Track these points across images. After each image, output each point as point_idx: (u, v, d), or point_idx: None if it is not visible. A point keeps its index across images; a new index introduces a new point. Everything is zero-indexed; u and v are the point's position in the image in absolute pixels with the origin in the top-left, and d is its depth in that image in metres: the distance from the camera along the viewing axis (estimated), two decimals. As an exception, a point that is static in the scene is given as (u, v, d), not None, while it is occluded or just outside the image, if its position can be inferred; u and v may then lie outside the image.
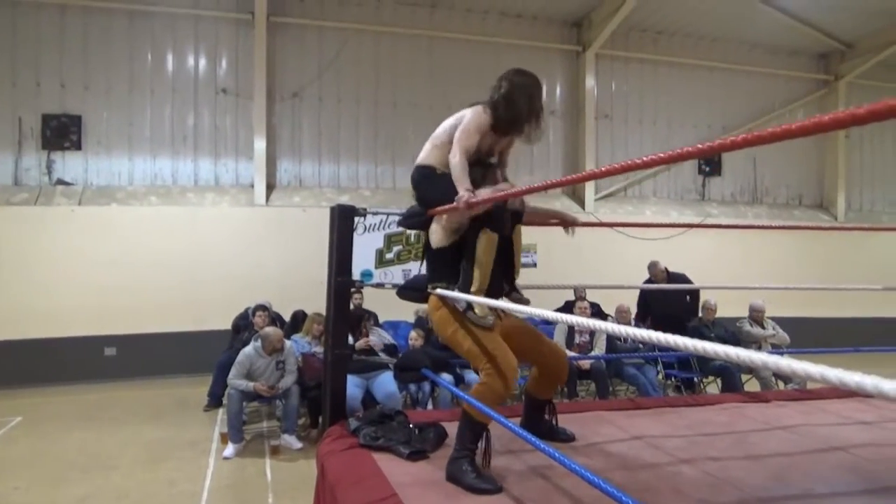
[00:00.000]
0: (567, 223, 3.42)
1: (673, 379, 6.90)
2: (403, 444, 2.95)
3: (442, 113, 11.60)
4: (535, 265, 9.44)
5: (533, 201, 10.82)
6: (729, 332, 6.76)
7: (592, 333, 6.39)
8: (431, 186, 2.95)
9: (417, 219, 3.25)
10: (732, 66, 11.15)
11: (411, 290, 3.38)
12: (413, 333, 5.57)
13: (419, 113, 9.93)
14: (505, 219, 2.90)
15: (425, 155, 3.03)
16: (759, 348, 6.62)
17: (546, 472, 2.66)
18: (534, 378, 3.14)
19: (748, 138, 1.22)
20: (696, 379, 6.69)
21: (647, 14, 10.13)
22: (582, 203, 10.34)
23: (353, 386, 5.37)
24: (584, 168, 10.32)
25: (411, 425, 3.16)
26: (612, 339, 6.46)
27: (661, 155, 1.53)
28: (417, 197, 3.06)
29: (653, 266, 7.54)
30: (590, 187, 10.35)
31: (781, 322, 7.24)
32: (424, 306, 6.82)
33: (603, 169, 1.81)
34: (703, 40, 11.04)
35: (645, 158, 1.58)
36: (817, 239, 10.61)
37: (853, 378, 0.98)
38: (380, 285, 4.12)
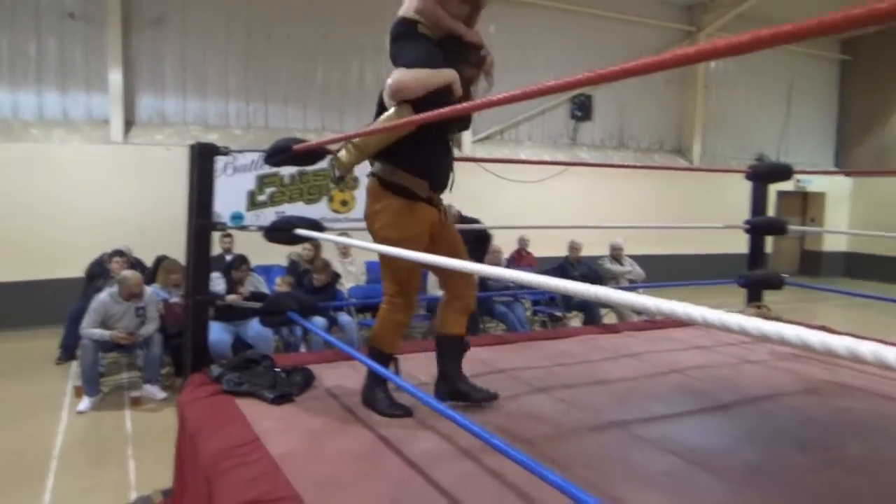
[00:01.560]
0: None
1: (540, 315, 7.26)
2: (268, 389, 2.90)
3: (319, 48, 11.30)
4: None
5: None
6: (591, 270, 7.18)
7: (466, 274, 6.54)
8: (406, 48, 2.48)
9: (283, 155, 3.13)
10: (605, 13, 11.46)
11: (279, 232, 3.28)
12: (278, 280, 5.45)
13: (295, 47, 9.47)
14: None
15: (406, 6, 2.57)
16: (617, 284, 7.10)
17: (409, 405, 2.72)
18: (444, 308, 2.83)
19: (624, 69, 1.22)
20: (560, 314, 7.08)
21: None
22: (459, 145, 10.41)
23: (222, 332, 5.22)
24: (461, 110, 10.35)
25: (278, 369, 3.11)
26: (483, 279, 6.65)
27: (540, 86, 1.51)
28: (391, 55, 2.56)
29: (447, 209, 7.68)
30: (467, 131, 10.43)
31: (640, 259, 7.78)
32: (297, 249, 6.72)
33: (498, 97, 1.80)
34: (577, -14, 11.25)
35: (526, 90, 1.57)
36: (675, 181, 11.39)
37: (684, 309, 1.06)
38: (244, 227, 3.96)
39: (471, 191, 9.55)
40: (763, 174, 4.74)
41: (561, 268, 7.20)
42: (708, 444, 2.46)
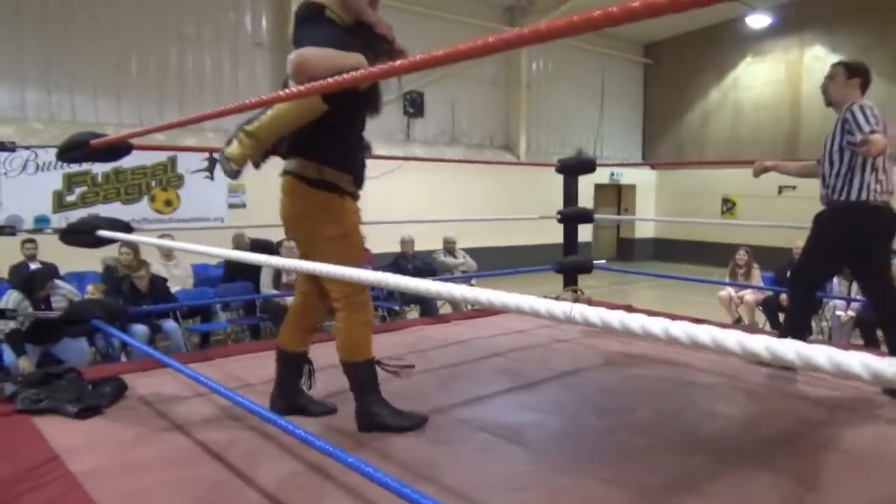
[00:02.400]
0: None
1: (379, 310, 7.33)
2: (72, 403, 2.69)
3: (134, 35, 10.46)
4: (244, 205, 9.13)
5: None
6: (426, 264, 7.38)
7: (300, 271, 6.44)
8: (312, 33, 2.25)
9: (79, 151, 2.90)
10: (429, 12, 11.73)
11: (78, 235, 3.03)
12: (90, 287, 5.03)
13: (105, 33, 8.70)
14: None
15: None
16: (452, 275, 7.37)
17: (234, 416, 2.65)
18: (290, 323, 2.64)
19: (448, 53, 1.25)
20: (398, 308, 7.20)
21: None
22: (292, 141, 10.20)
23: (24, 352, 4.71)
24: (293, 105, 10.13)
25: (85, 382, 2.89)
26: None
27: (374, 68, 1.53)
28: (296, 39, 2.31)
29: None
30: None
31: (473, 251, 8.12)
32: (113, 253, 6.21)
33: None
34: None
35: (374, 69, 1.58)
36: (505, 175, 11.99)
37: (500, 297, 1.15)
38: (38, 230, 3.61)
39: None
40: (571, 167, 5.15)
41: (395, 263, 7.32)
42: (518, 420, 2.66)
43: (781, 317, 6.94)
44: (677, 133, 15.60)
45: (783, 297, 6.81)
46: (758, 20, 12.63)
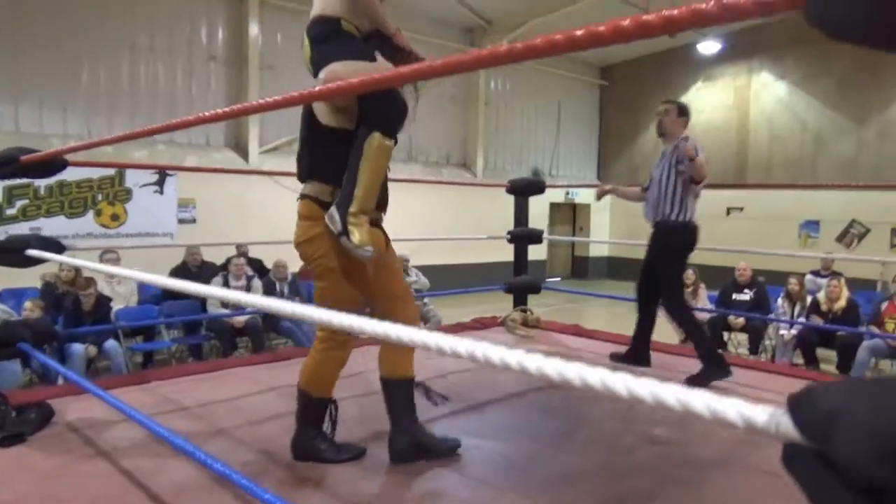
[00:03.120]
0: None
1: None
2: (-7, 431, 2.58)
3: (83, 44, 10.22)
4: (194, 221, 8.95)
5: (195, 154, 10.08)
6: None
7: (249, 289, 6.34)
8: (337, 49, 2.21)
9: (7, 167, 2.81)
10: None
11: (7, 254, 2.92)
12: (28, 304, 4.85)
13: (51, 42, 8.46)
14: (404, 118, 2.35)
15: (322, 5, 2.29)
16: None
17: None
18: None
19: (400, 75, 1.25)
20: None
21: (309, -33, 10.08)
22: (246, 156, 10.06)
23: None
24: (247, 118, 10.02)
25: (6, 408, 2.77)
26: (269, 294, 6.50)
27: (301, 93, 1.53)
28: (318, 62, 2.24)
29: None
30: (254, 140, 10.10)
31: (429, 269, 8.11)
32: (53, 269, 6.01)
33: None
34: None
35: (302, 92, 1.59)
36: (463, 193, 12.05)
37: (435, 339, 1.13)
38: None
39: (255, 200, 9.35)
40: (520, 188, 5.21)
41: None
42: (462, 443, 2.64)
43: (726, 335, 7.13)
44: (631, 154, 15.94)
45: (731, 318, 7.00)
46: (708, 47, 13.03)
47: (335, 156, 2.28)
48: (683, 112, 3.79)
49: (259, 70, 10.22)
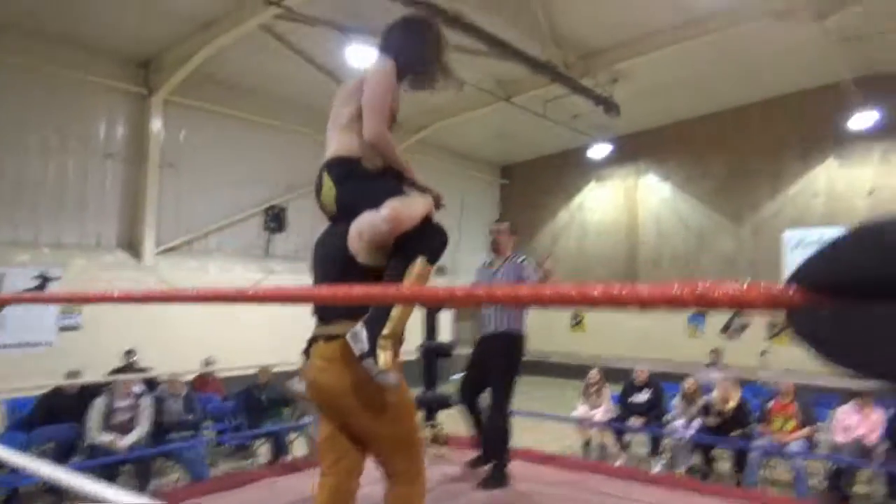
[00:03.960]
0: None
1: (224, 445, 6.82)
2: None
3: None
4: (78, 328, 8.32)
5: (84, 256, 9.53)
6: (278, 393, 7.03)
7: (136, 407, 5.87)
8: (366, 189, 2.23)
9: None
10: (299, 129, 11.87)
11: None
12: None
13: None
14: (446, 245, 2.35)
15: (337, 145, 2.30)
16: (308, 404, 7.05)
17: None
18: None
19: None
20: (248, 443, 6.74)
21: (220, 65, 10.00)
22: (139, 256, 9.59)
23: None
24: (143, 217, 9.64)
25: None
26: (159, 413, 6.03)
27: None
28: (346, 203, 2.24)
29: None
30: (149, 240, 9.66)
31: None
32: None
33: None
34: (274, 100, 11.44)
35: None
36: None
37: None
38: None
39: (154, 309, 8.83)
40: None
41: (247, 393, 6.91)
42: None
43: (627, 437, 7.28)
44: (530, 250, 16.53)
45: (631, 420, 7.18)
46: (600, 150, 13.94)
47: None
48: (514, 231, 4.58)
49: (159, 168, 9.94)
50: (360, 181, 2.26)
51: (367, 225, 2.15)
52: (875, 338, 0.64)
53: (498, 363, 4.27)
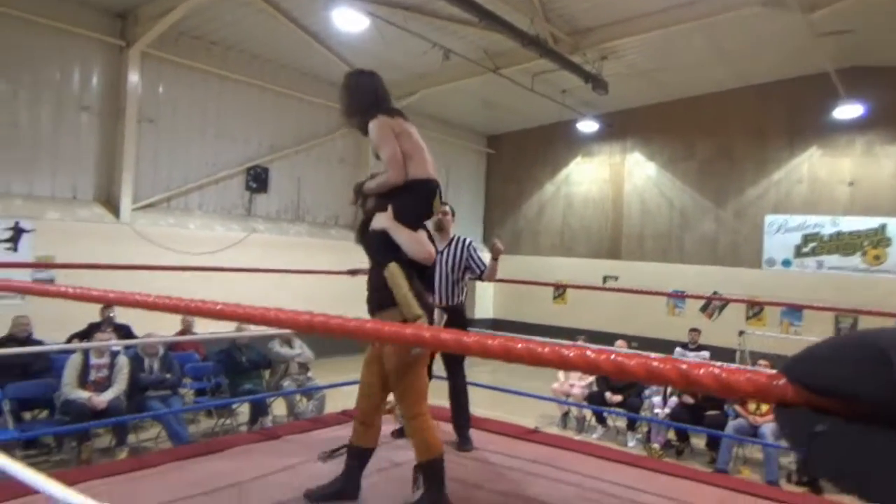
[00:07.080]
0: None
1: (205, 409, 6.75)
2: None
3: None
4: (52, 281, 8.12)
5: (57, 209, 9.22)
6: (260, 355, 6.95)
7: (113, 366, 5.76)
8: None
9: None
10: (283, 90, 11.61)
11: None
12: None
13: None
14: None
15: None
16: (287, 367, 6.98)
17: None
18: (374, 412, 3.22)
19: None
20: (232, 407, 6.67)
21: (201, 22, 9.71)
22: (116, 212, 9.35)
23: None
24: (121, 172, 9.37)
25: None
26: (136, 372, 5.94)
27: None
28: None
29: None
30: (126, 196, 9.40)
31: (316, 338, 7.78)
32: None
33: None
34: (256, 59, 11.16)
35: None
36: (354, 254, 11.79)
37: None
38: None
39: (128, 260, 8.62)
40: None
41: (228, 353, 6.82)
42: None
43: (606, 412, 7.35)
44: (515, 221, 16.52)
45: (607, 395, 7.23)
46: (587, 126, 13.86)
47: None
48: (454, 214, 4.73)
49: (137, 123, 9.65)
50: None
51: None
52: (874, 466, 0.62)
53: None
